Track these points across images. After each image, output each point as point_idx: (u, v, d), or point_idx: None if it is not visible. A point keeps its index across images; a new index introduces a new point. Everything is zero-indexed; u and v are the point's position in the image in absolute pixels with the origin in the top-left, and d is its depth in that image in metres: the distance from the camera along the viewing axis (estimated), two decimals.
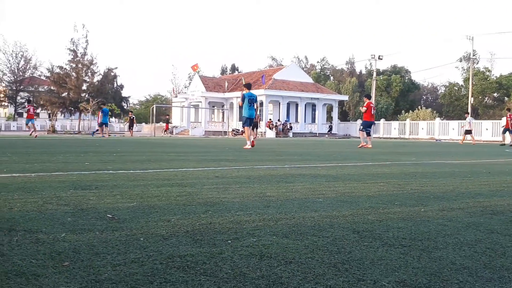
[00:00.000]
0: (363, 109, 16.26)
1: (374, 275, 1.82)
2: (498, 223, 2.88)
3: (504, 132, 23.41)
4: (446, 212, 3.20)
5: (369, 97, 16.90)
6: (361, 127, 16.36)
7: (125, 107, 54.37)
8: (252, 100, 13.56)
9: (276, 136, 40.50)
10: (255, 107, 13.61)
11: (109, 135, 27.84)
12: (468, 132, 25.18)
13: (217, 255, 2.05)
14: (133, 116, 35.52)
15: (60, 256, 1.98)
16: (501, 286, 1.73)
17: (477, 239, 2.45)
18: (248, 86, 14.19)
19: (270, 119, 44.44)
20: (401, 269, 1.91)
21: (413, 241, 2.38)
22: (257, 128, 26.26)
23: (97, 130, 29.76)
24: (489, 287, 1.72)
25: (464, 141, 25.97)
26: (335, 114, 49.94)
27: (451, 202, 3.64)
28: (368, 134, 15.99)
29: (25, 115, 36.02)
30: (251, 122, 13.61)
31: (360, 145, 15.57)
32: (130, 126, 34.16)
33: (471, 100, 44.11)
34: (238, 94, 46.27)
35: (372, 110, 16.04)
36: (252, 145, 13.24)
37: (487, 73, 57.01)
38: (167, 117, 44.44)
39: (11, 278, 1.70)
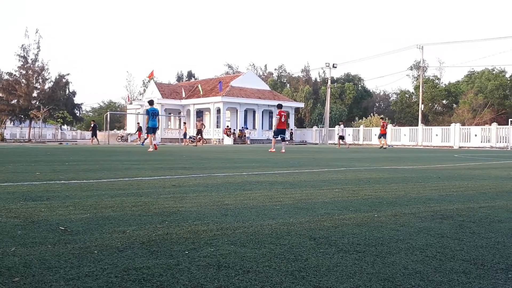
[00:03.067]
0: (275, 119, 17.95)
1: (330, 282, 1.85)
2: (448, 227, 2.99)
3: (379, 137, 28.12)
4: (398, 217, 3.30)
5: (280, 107, 18.26)
6: (273, 134, 18.30)
7: (77, 114, 53.00)
8: (154, 113, 17.72)
9: (233, 143, 40.51)
10: (157, 119, 17.80)
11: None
12: (341, 137, 30.18)
13: (174, 266, 2.02)
14: (96, 124, 35.19)
15: (9, 272, 1.91)
16: None
17: (428, 243, 2.54)
18: (151, 102, 18.58)
19: (227, 126, 44.43)
20: (356, 275, 1.95)
21: (367, 246, 2.44)
22: (201, 134, 29.73)
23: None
24: None
25: (348, 145, 30.65)
26: (291, 121, 50.49)
27: (403, 207, 3.76)
28: (283, 140, 17.78)
29: None
30: (154, 130, 17.70)
31: (270, 150, 17.20)
32: (93, 134, 34.02)
33: (421, 107, 45.68)
34: (196, 101, 46.21)
35: (283, 118, 17.59)
36: (155, 148, 16.83)
37: (437, 81, 59.22)
38: (138, 124, 43.41)
39: None
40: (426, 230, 2.88)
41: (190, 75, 79.61)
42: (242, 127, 45.05)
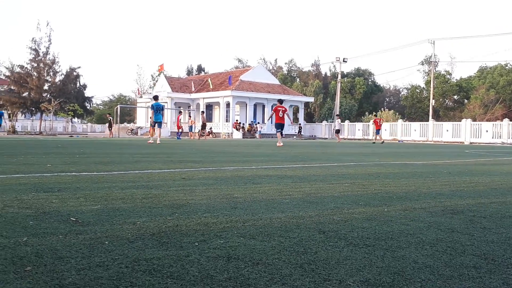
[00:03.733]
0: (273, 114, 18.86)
1: (339, 275, 1.85)
2: (458, 222, 2.97)
3: (377, 132, 29.01)
4: (408, 212, 3.28)
5: (280, 102, 18.94)
6: (276, 129, 19.45)
7: (88, 107, 53.29)
8: (158, 108, 18.84)
9: (243, 137, 40.53)
10: (161, 113, 19.01)
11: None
12: (338, 131, 31.17)
13: (184, 257, 2.04)
14: (111, 117, 35.86)
15: (22, 261, 1.93)
16: (461, 283, 1.79)
17: (438, 238, 2.53)
18: (155, 97, 19.63)
19: (237, 120, 44.44)
20: (365, 268, 1.95)
21: (377, 240, 2.43)
22: (204, 129, 31.12)
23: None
24: (449, 285, 1.77)
25: (340, 140, 31.19)
26: (301, 115, 50.42)
27: (413, 202, 3.74)
28: (281, 133, 18.63)
29: None
30: (160, 124, 18.88)
31: (279, 144, 17.65)
32: (110, 127, 35.01)
33: (432, 102, 45.36)
34: (205, 95, 46.25)
35: (280, 113, 18.22)
36: (157, 143, 17.37)
37: (448, 76, 58.75)
38: (151, 118, 43.76)
39: None
40: (436, 224, 2.87)
41: (200, 69, 79.68)
42: (252, 121, 45.04)
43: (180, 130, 31.97)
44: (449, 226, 2.83)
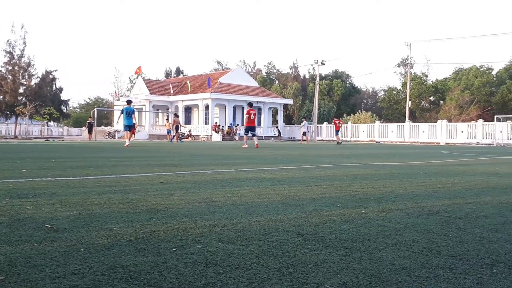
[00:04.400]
0: (245, 117, 19.59)
1: (317, 278, 1.86)
2: (434, 223, 3.02)
3: (336, 133, 30.90)
4: (385, 213, 3.32)
5: (250, 105, 19.81)
6: (244, 131, 19.95)
7: (64, 111, 52.51)
8: (128, 112, 19.05)
9: (222, 140, 40.44)
10: (133, 117, 19.15)
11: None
12: (304, 133, 32.05)
13: (161, 264, 2.02)
14: (92, 121, 35.32)
15: None
16: (437, 284, 1.81)
17: (415, 239, 2.56)
18: (129, 102, 20.23)
19: (216, 123, 44.33)
20: (343, 271, 1.96)
21: (354, 242, 2.45)
22: (177, 132, 30.80)
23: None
24: (425, 286, 1.80)
25: (303, 141, 32.32)
26: (280, 117, 50.57)
27: (390, 203, 3.78)
28: (254, 135, 18.97)
29: None
30: (130, 128, 19.12)
31: (243, 146, 18.66)
32: (90, 131, 34.59)
33: (408, 103, 46.01)
34: (184, 97, 46.02)
35: (251, 116, 19.01)
36: (126, 145, 17.59)
37: (424, 77, 59.64)
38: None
39: None
40: (412, 226, 2.91)
41: (179, 71, 79.31)
42: (231, 124, 44.99)
43: (173, 133, 32.04)
44: (425, 227, 2.87)
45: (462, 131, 36.11)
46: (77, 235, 2.50)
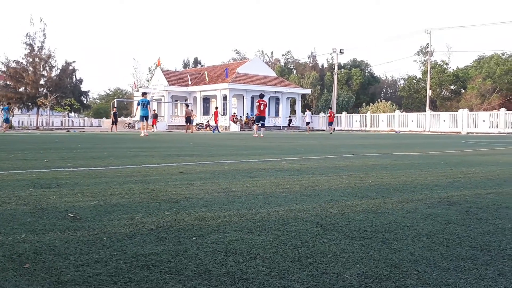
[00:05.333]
0: (255, 106, 20.99)
1: (336, 268, 1.86)
2: (455, 213, 2.99)
3: (330, 124, 33.50)
4: (405, 204, 3.30)
5: (261, 96, 20.71)
6: (255, 120, 21.14)
7: (84, 102, 53.15)
8: (144, 104, 20.42)
9: (240, 130, 40.51)
10: (148, 108, 20.57)
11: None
12: (308, 123, 33.86)
13: (182, 252, 2.05)
14: (116, 112, 35.52)
15: (20, 258, 1.94)
16: (457, 275, 1.80)
17: (435, 229, 2.54)
18: (143, 94, 21.21)
19: (234, 113, 44.38)
20: (362, 261, 1.96)
21: (374, 233, 2.44)
22: (191, 123, 31.02)
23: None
24: (446, 277, 1.79)
25: (310, 131, 33.54)
26: (298, 107, 50.37)
27: (410, 194, 3.75)
28: (263, 126, 19.97)
29: None
30: (146, 118, 20.49)
31: (254, 135, 19.76)
32: (114, 122, 34.58)
33: (429, 92, 45.36)
34: (202, 88, 46.15)
35: (261, 106, 19.81)
36: (146, 135, 19.16)
37: (444, 66, 58.66)
38: (154, 111, 43.41)
39: None
40: (433, 216, 2.88)
41: (197, 62, 79.37)
42: (248, 114, 44.99)
43: (216, 125, 33.20)
44: (445, 218, 2.84)
45: (483, 120, 35.49)
46: (100, 224, 2.54)
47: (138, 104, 21.22)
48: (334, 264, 1.92)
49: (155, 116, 41.70)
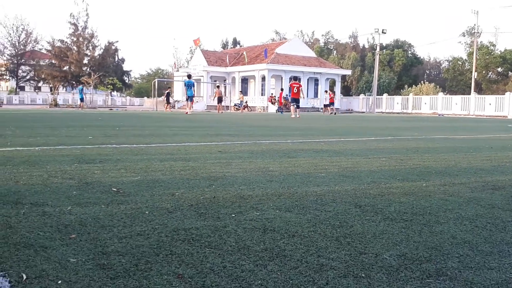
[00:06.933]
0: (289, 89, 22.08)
1: (375, 249, 1.85)
2: (499, 198, 2.90)
3: (328, 105, 34.67)
4: (447, 187, 3.23)
5: (295, 79, 22.90)
6: (290, 102, 21.84)
7: (126, 81, 54.23)
8: (189, 85, 22.92)
9: (277, 111, 40.39)
10: (192, 89, 23.11)
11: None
12: (327, 105, 35.10)
13: (221, 228, 2.08)
14: (169, 92, 36.06)
15: (67, 229, 2.02)
16: (501, 260, 1.76)
17: (478, 214, 2.48)
18: (189, 76, 24.08)
19: (272, 94, 44.24)
20: (402, 243, 1.94)
21: (414, 215, 2.41)
22: (220, 103, 32.23)
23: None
24: (488, 260, 1.75)
25: (325, 112, 34.94)
26: (337, 88, 49.65)
27: (452, 177, 3.66)
28: (298, 107, 20.78)
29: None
30: (191, 98, 23.02)
31: (292, 116, 20.24)
32: (168, 102, 35.30)
33: (474, 75, 43.78)
34: (241, 68, 46.13)
35: (295, 89, 20.72)
36: (186, 113, 22.00)
37: (491, 47, 56.32)
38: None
39: (20, 250, 1.73)
40: (476, 200, 2.81)
41: (235, 42, 79.25)
42: (286, 95, 44.74)
43: (281, 106, 34.36)
44: (489, 202, 2.77)
45: None
46: (142, 199, 2.61)
47: (184, 86, 23.01)
48: (373, 244, 1.91)
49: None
